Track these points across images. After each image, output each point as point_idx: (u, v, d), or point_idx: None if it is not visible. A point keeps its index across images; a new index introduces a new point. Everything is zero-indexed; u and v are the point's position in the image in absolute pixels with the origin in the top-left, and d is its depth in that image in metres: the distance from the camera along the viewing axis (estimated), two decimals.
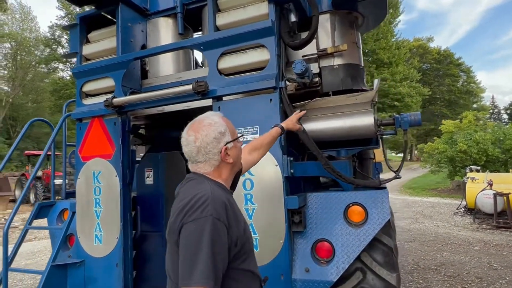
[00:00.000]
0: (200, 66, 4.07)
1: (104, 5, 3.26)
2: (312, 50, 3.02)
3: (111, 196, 3.04)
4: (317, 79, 2.81)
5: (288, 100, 2.58)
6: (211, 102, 2.75)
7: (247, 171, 2.20)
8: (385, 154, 3.12)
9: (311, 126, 2.71)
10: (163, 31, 3.48)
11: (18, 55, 35.33)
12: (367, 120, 2.61)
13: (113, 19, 3.30)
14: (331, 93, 3.00)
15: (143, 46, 3.43)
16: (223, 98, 2.70)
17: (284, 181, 2.43)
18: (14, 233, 9.41)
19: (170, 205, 1.45)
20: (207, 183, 1.35)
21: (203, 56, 3.08)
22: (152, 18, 3.51)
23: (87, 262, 3.08)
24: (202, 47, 2.80)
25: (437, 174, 19.06)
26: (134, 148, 4.06)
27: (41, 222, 3.86)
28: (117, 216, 3.00)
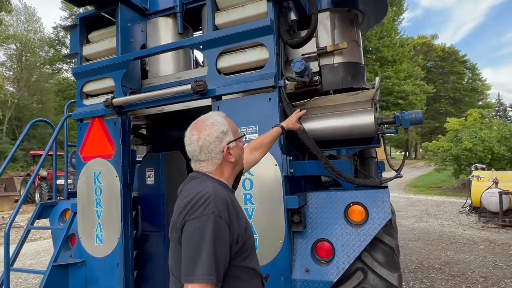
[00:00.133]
0: (200, 66, 4.07)
1: (103, 5, 3.27)
2: (311, 48, 2.99)
3: (112, 196, 3.05)
4: (317, 78, 2.78)
5: (287, 99, 2.57)
6: (210, 101, 2.74)
7: (247, 171, 2.19)
8: (386, 153, 3.10)
9: (311, 125, 2.69)
10: (163, 31, 3.47)
11: (23, 56, 35.72)
12: (368, 118, 2.58)
13: (113, 20, 3.30)
14: (331, 91, 2.97)
15: (143, 46, 3.43)
16: (222, 98, 2.69)
17: (283, 180, 2.42)
18: (19, 233, 9.49)
19: (171, 205, 1.46)
20: (210, 182, 1.37)
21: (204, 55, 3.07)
22: (151, 18, 3.51)
23: (88, 262, 3.09)
24: (201, 47, 2.79)
25: (442, 172, 18.90)
26: (135, 148, 4.06)
27: (45, 222, 3.88)
28: (117, 216, 3.01)
